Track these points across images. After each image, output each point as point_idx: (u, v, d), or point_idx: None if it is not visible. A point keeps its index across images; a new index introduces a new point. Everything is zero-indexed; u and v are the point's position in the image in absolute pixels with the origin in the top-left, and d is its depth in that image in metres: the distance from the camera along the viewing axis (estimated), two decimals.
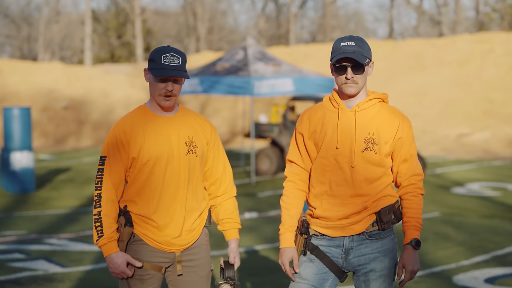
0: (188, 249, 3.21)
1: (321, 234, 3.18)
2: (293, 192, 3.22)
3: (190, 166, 3.18)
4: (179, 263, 3.19)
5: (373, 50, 26.30)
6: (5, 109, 11.78)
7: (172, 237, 3.16)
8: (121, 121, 3.19)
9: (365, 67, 3.07)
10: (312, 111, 3.23)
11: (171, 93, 3.10)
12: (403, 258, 3.12)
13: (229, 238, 3.32)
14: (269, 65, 13.61)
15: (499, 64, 25.13)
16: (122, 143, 3.13)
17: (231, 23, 56.05)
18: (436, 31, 45.15)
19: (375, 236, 3.15)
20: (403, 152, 3.14)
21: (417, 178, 3.16)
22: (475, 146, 20.64)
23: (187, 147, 3.16)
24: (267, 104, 25.51)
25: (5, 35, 48.84)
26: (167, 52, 3.09)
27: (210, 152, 3.27)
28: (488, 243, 7.68)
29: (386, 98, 3.20)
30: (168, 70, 3.06)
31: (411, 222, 3.13)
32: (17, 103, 24.34)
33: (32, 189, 11.76)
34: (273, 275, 6.22)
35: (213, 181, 3.31)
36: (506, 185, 12.49)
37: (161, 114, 3.18)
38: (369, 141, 3.09)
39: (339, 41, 3.10)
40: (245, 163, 15.69)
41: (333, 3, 47.73)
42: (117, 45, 43.50)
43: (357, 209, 3.11)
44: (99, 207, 3.11)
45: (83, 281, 6.09)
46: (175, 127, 3.17)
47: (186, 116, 3.23)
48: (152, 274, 3.17)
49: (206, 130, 3.25)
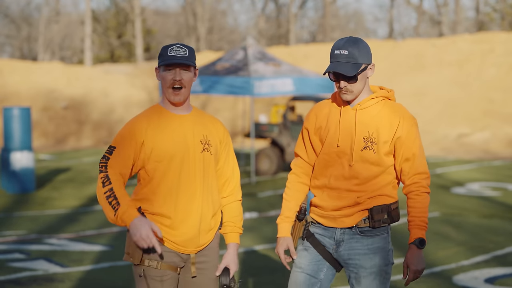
0: (202, 250, 3.18)
1: (317, 222, 3.27)
2: (295, 185, 3.31)
3: (205, 164, 3.16)
4: (193, 264, 3.16)
5: (373, 50, 26.18)
6: (5, 109, 11.78)
7: (188, 236, 3.11)
8: (137, 118, 3.17)
9: (358, 76, 3.08)
10: (319, 107, 3.28)
11: (180, 83, 3.08)
12: (407, 258, 3.11)
13: (228, 242, 3.27)
14: (269, 65, 13.61)
15: (499, 64, 25.13)
16: (136, 139, 3.09)
17: (231, 23, 56.07)
18: (436, 31, 45.15)
19: (367, 233, 3.17)
20: (405, 151, 3.13)
21: (421, 177, 3.15)
22: (475, 146, 20.64)
23: (202, 145, 3.15)
24: (267, 104, 25.51)
25: (5, 35, 48.83)
26: (174, 45, 3.12)
27: (222, 151, 3.26)
28: (488, 243, 7.68)
29: (391, 95, 3.20)
30: (174, 58, 3.07)
31: (415, 221, 3.11)
32: (17, 103, 24.34)
33: (32, 189, 11.76)
34: (273, 275, 6.22)
35: (222, 181, 3.28)
36: (506, 185, 12.49)
37: (176, 112, 3.17)
38: (368, 140, 3.11)
39: (335, 46, 3.12)
40: (245, 163, 15.69)
41: (333, 3, 47.73)
42: (117, 45, 43.50)
43: (350, 202, 3.15)
44: (109, 184, 3.00)
45: (83, 281, 6.09)
46: (190, 125, 3.16)
47: (200, 116, 3.23)
48: (171, 274, 3.12)
49: (219, 130, 3.25)
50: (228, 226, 3.28)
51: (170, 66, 3.10)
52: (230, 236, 3.27)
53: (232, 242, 3.26)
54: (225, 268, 3.21)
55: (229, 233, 3.27)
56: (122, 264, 6.70)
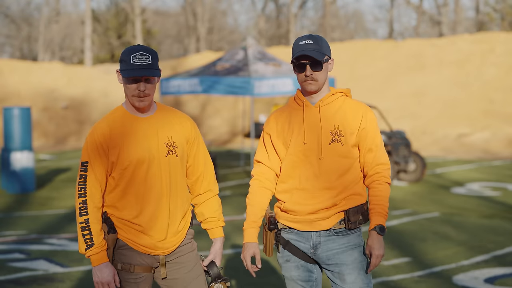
0: (174, 251, 3.18)
1: (289, 227, 3.27)
2: (259, 190, 3.30)
3: (171, 167, 3.12)
4: (163, 266, 3.15)
5: (373, 50, 26.34)
6: (5, 109, 11.78)
7: (157, 240, 3.11)
8: (99, 124, 3.10)
9: (323, 64, 3.18)
10: (278, 112, 3.36)
11: (144, 93, 3.01)
12: (369, 244, 3.16)
13: (214, 237, 3.29)
14: (269, 65, 13.61)
15: (499, 64, 25.13)
16: (102, 147, 3.05)
17: (231, 23, 56.09)
18: (436, 31, 45.15)
19: (342, 232, 3.23)
20: (368, 142, 3.23)
21: (383, 167, 3.24)
22: (475, 146, 20.65)
23: (166, 148, 3.10)
24: (267, 104, 25.51)
25: (5, 35, 48.85)
26: (136, 52, 3.00)
27: (190, 150, 3.21)
28: (488, 243, 7.68)
29: (348, 92, 3.31)
30: (137, 70, 2.98)
31: (376, 209, 3.18)
32: (17, 103, 24.35)
33: (32, 189, 11.76)
34: (273, 275, 6.22)
35: (195, 178, 3.25)
36: (506, 185, 12.49)
37: (139, 115, 3.11)
38: (335, 133, 3.20)
39: (298, 40, 3.22)
40: (245, 163, 15.68)
41: (333, 3, 47.74)
42: (117, 45, 43.51)
43: (326, 204, 3.18)
44: (85, 215, 3.01)
45: (83, 281, 6.09)
46: (154, 128, 3.10)
47: (164, 115, 3.15)
48: (145, 275, 3.15)
49: (185, 128, 3.18)
50: (212, 221, 3.28)
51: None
52: (215, 232, 3.28)
53: (218, 236, 3.28)
54: (212, 261, 3.26)
55: (213, 229, 3.29)
56: None
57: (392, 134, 12.94)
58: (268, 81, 13.05)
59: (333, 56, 29.57)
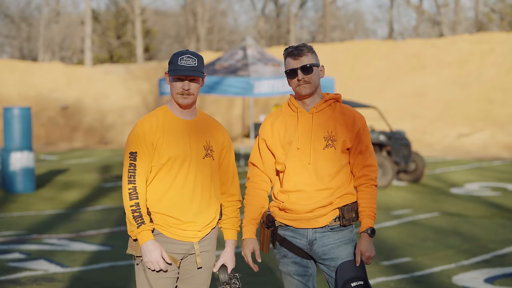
0: (201, 240, 3.33)
1: (286, 225, 3.42)
2: (255, 191, 3.46)
3: (208, 169, 3.34)
4: (198, 256, 3.32)
5: (373, 50, 26.27)
6: (5, 109, 11.78)
7: (191, 232, 3.29)
8: (144, 120, 3.33)
9: (313, 67, 3.34)
10: (272, 117, 3.50)
11: (188, 92, 3.27)
12: (361, 246, 3.32)
13: (226, 238, 3.43)
14: (268, 65, 13.61)
15: (499, 64, 25.15)
16: (150, 139, 3.27)
17: (231, 23, 56.10)
18: (436, 31, 45.17)
19: (336, 229, 3.38)
20: (359, 145, 3.40)
21: (370, 169, 3.40)
22: (475, 147, 20.66)
23: (205, 151, 3.34)
24: (267, 104, 25.53)
25: (5, 35, 48.85)
26: (184, 54, 3.29)
27: (224, 157, 3.45)
28: (488, 243, 7.68)
29: (339, 98, 3.46)
30: (183, 70, 3.25)
31: (366, 211, 3.35)
32: (17, 103, 24.35)
33: (32, 189, 11.76)
34: (273, 275, 6.22)
35: (223, 184, 3.46)
36: (506, 185, 12.50)
37: (181, 117, 3.35)
38: (328, 138, 3.36)
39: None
40: (245, 163, 15.69)
41: (333, 3, 47.75)
42: (117, 45, 43.52)
43: (323, 203, 3.34)
44: (135, 199, 3.22)
45: (83, 281, 6.10)
46: (195, 130, 3.35)
47: (204, 121, 3.41)
48: (171, 267, 3.28)
49: (222, 135, 3.44)
50: (228, 222, 3.44)
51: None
52: (229, 232, 3.43)
53: (230, 238, 3.42)
54: (223, 265, 3.36)
55: (227, 229, 3.44)
56: (122, 264, 6.71)
57: (392, 134, 12.94)
58: (268, 81, 13.05)
59: (333, 56, 29.62)
